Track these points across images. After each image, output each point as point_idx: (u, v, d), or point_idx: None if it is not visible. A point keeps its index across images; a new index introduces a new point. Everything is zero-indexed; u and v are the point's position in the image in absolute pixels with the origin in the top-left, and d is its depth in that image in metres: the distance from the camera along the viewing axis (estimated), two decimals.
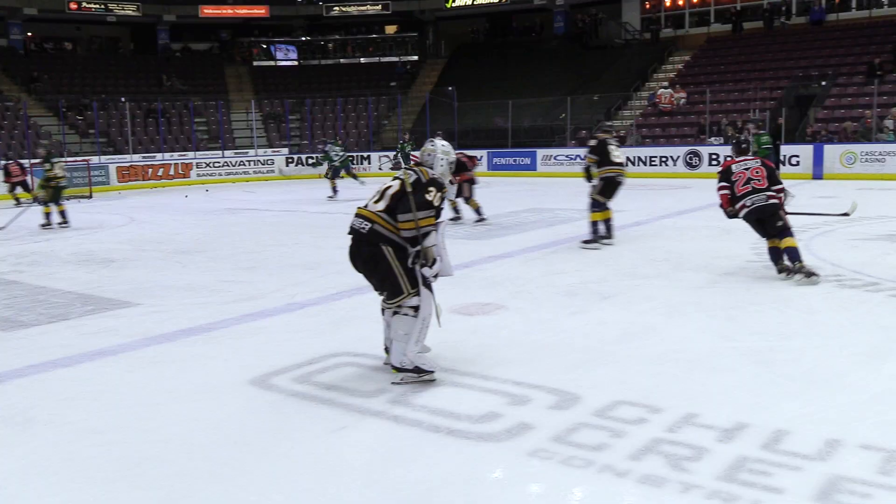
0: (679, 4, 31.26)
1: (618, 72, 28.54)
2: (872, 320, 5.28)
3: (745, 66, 25.94)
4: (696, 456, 3.19)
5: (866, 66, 22.59)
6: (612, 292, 6.38)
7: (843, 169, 18.54)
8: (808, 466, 3.08)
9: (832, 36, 26.02)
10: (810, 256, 7.75)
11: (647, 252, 8.36)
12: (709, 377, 4.21)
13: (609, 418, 3.62)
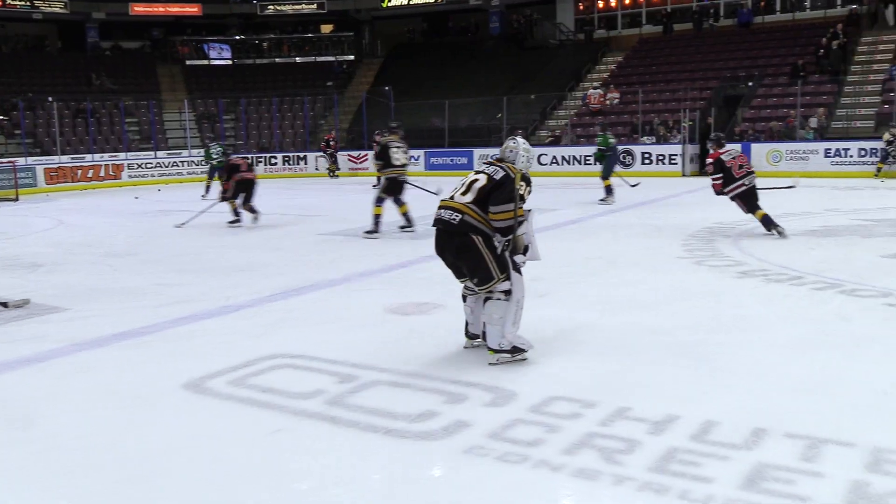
0: (612, 6, 31.78)
1: (553, 72, 28.87)
2: (798, 313, 5.46)
3: (675, 66, 26.52)
4: (629, 449, 3.26)
5: (790, 67, 23.30)
6: (547, 290, 6.46)
7: (770, 167, 19.10)
8: (736, 455, 3.17)
9: (758, 38, 26.77)
10: (739, 253, 7.98)
11: (583, 250, 8.50)
12: (641, 371, 4.31)
13: (544, 414, 3.67)
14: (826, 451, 3.18)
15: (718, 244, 8.54)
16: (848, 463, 3.07)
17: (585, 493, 2.92)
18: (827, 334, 4.90)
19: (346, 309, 5.99)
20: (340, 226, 11.28)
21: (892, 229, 9.30)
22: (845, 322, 5.21)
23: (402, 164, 10.12)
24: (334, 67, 33.92)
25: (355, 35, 35.59)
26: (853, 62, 23.69)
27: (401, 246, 9.20)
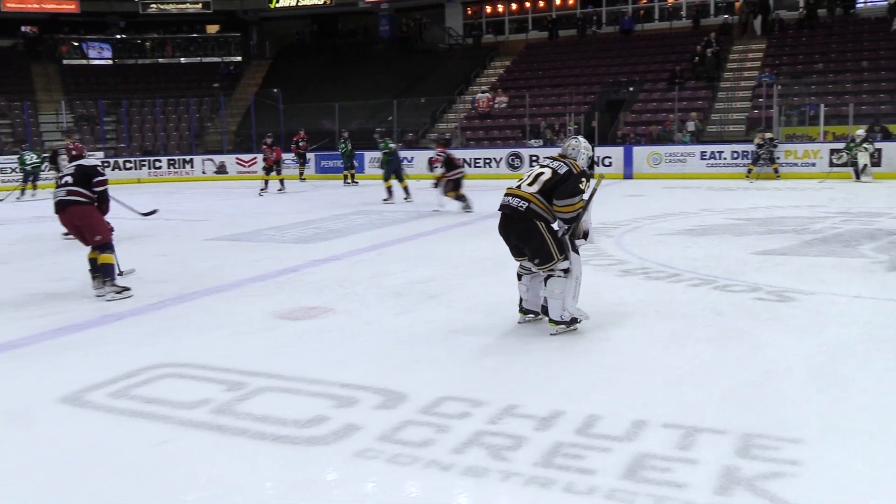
0: (499, 11, 32.34)
1: (443, 75, 29.13)
2: (675, 309, 5.71)
3: (561, 71, 27.23)
4: (516, 445, 3.34)
5: (668, 73, 24.30)
6: (438, 291, 6.53)
7: (650, 169, 19.87)
8: (617, 447, 3.29)
9: (638, 45, 27.81)
10: (621, 252, 8.27)
11: (473, 251, 8.61)
12: (528, 369, 4.41)
13: (434, 414, 3.71)
14: (700, 439, 3.34)
15: (602, 244, 8.81)
16: (720, 449, 3.24)
17: (474, 491, 2.98)
18: (702, 328, 5.15)
19: (233, 315, 5.88)
20: (228, 231, 11.05)
21: (762, 228, 9.83)
22: (719, 316, 5.47)
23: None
24: (221, 69, 33.18)
25: (242, 36, 34.92)
26: (726, 69, 24.93)
27: (290, 250, 9.09)
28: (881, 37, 24.38)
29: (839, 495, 2.86)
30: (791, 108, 21.26)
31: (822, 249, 8.09)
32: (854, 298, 5.89)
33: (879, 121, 19.28)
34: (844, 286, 6.31)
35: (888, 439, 3.32)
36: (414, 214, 12.72)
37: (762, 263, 7.41)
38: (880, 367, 4.27)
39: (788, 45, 25.42)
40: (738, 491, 2.89)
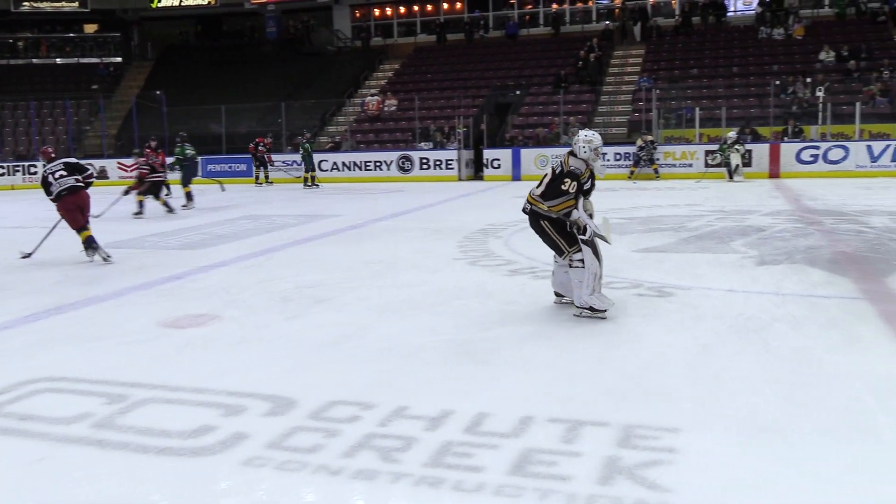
0: (387, 14, 32.37)
1: (331, 78, 28.93)
2: (561, 307, 5.86)
3: (450, 75, 27.49)
4: (406, 446, 3.36)
5: (554, 77, 24.91)
6: (327, 295, 6.49)
7: (538, 171, 20.28)
8: (505, 444, 3.36)
9: (525, 49, 28.39)
10: (510, 252, 8.43)
11: (363, 254, 8.60)
12: (418, 370, 4.45)
13: (324, 419, 3.69)
14: (584, 432, 3.45)
15: (491, 245, 8.96)
16: (602, 441, 3.35)
17: (363, 493, 2.98)
18: (591, 325, 5.30)
19: (115, 325, 5.67)
20: (110, 237, 10.62)
21: (643, 226, 10.22)
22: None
23: None
24: (100, 69, 31.92)
25: (123, 36, 33.66)
26: (608, 73, 25.76)
27: (175, 256, 8.84)
28: (750, 44, 25.73)
29: (711, 479, 3.01)
30: (669, 112, 22.18)
31: (698, 246, 8.48)
32: (727, 292, 6.20)
33: (749, 123, 20.34)
34: (718, 281, 6.63)
35: (757, 425, 3.51)
36: (303, 219, 12.58)
37: (643, 260, 7.71)
38: (751, 357, 4.51)
39: (666, 50, 26.48)
40: (620, 479, 3.00)
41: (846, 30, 25.36)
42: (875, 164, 18.33)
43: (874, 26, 25.33)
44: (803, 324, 5.19)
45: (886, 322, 5.17)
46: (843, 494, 2.87)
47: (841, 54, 23.30)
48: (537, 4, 30.76)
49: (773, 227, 9.73)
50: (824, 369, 4.27)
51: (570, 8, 30.34)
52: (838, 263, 7.28)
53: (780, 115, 20.86)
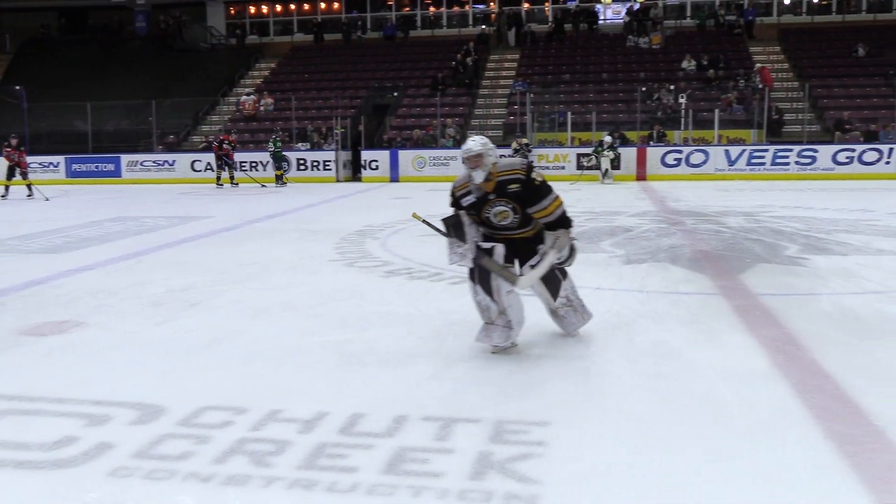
0: (263, 12, 31.81)
1: (205, 76, 28.18)
2: (435, 306, 5.95)
3: (327, 75, 27.29)
4: (279, 450, 3.33)
5: (431, 79, 25.13)
6: (199, 299, 6.33)
7: (415, 172, 20.46)
8: (379, 443, 3.39)
9: (402, 51, 28.52)
10: (386, 253, 8.46)
11: (236, 256, 8.43)
12: (293, 373, 4.41)
13: (194, 426, 3.61)
14: (457, 429, 3.51)
15: (368, 246, 8.97)
16: (475, 437, 3.43)
17: (235, 499, 2.94)
18: (461, 323, 5.39)
19: None
20: None
21: None
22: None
23: None
24: None
25: None
26: (484, 77, 26.21)
27: (37, 260, 8.40)
28: (618, 51, 26.77)
29: (579, 469, 3.13)
30: (543, 115, 22.79)
31: None
32: (595, 290, 6.43)
33: (619, 128, 21.14)
34: (587, 279, 6.84)
35: (621, 416, 3.68)
36: (175, 221, 12.20)
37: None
38: (617, 352, 4.70)
39: (540, 56, 27.18)
40: (491, 474, 3.07)
41: (706, 40, 26.76)
42: (732, 168, 19.43)
43: (731, 38, 26.84)
44: (665, 319, 5.46)
45: (739, 316, 5.51)
46: (702, 480, 3.03)
47: (701, 63, 24.58)
48: (415, 7, 30.96)
49: (639, 228, 10.17)
50: (684, 362, 4.51)
51: (447, 11, 30.69)
52: (698, 261, 7.69)
53: (647, 120, 21.80)
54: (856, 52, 24.93)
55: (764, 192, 15.42)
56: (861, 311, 5.61)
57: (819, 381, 4.14)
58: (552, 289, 4.84)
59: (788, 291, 6.33)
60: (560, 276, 4.88)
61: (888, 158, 18.92)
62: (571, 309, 4.97)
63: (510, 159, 4.44)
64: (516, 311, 4.69)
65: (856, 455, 3.21)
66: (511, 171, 4.54)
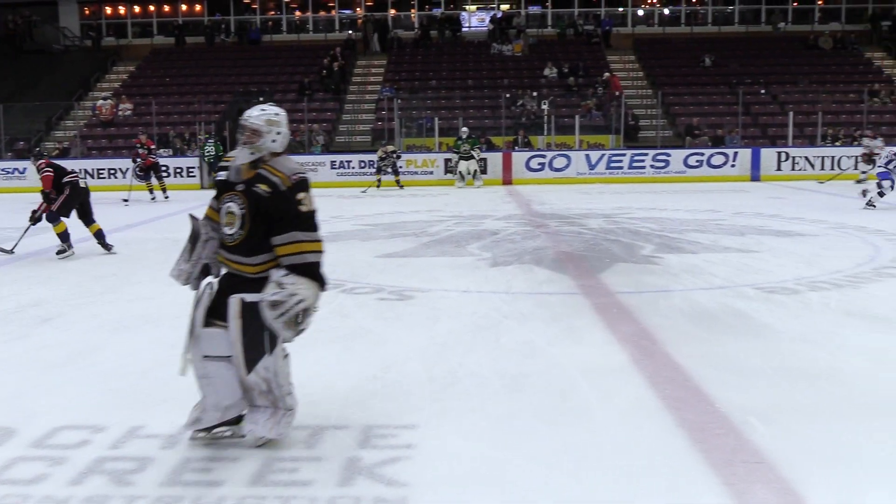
0: (120, 14, 30.54)
1: (58, 79, 26.72)
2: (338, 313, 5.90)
3: (190, 79, 26.47)
4: (141, 467, 3.24)
5: (298, 84, 24.85)
6: (54, 314, 6.03)
7: None
8: (246, 455, 3.34)
9: (268, 55, 28.05)
10: None
11: (94, 268, 8.09)
12: (155, 387, 4.27)
13: (48, 447, 3.45)
14: (325, 436, 3.52)
15: None
16: (343, 444, 3.44)
17: None
18: (329, 330, 5.37)
19: None
20: None
21: (387, 232, 10.52)
22: (345, 318, 5.78)
23: None
24: None
25: None
26: (351, 83, 26.15)
27: None
28: (483, 58, 27.30)
29: (445, 469, 3.20)
30: (410, 121, 22.96)
31: (437, 250, 8.89)
32: (463, 293, 6.57)
33: (484, 133, 21.55)
34: (455, 282, 7.01)
35: (486, 415, 3.78)
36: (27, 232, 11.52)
37: (386, 265, 7.95)
38: (483, 353, 4.82)
39: (406, 62, 27.36)
40: (359, 479, 3.10)
41: (566, 49, 27.68)
42: (593, 172, 20.17)
43: (589, 46, 27.90)
44: (529, 319, 5.63)
45: (599, 314, 5.76)
46: (562, 472, 3.17)
47: (562, 71, 25.41)
48: (280, 11, 30.52)
49: (505, 231, 10.43)
50: (546, 359, 4.67)
51: (313, 16, 30.42)
52: (561, 262, 7.97)
53: (511, 125, 22.33)
54: (703, 63, 26.41)
55: (622, 195, 16.12)
56: (709, 305, 5.98)
57: (671, 372, 4.39)
58: (250, 355, 3.35)
59: (644, 289, 6.66)
60: (266, 345, 3.37)
61: (733, 162, 20.15)
62: (267, 403, 3.41)
63: (291, 160, 3.09)
64: (216, 386, 3.45)
65: (704, 441, 3.43)
66: (276, 171, 3.37)
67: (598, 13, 29.70)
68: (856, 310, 5.78)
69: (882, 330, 5.23)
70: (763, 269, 7.48)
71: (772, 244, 8.96)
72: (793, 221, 11.09)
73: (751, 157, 20.13)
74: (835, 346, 4.86)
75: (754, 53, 27.18)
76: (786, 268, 7.51)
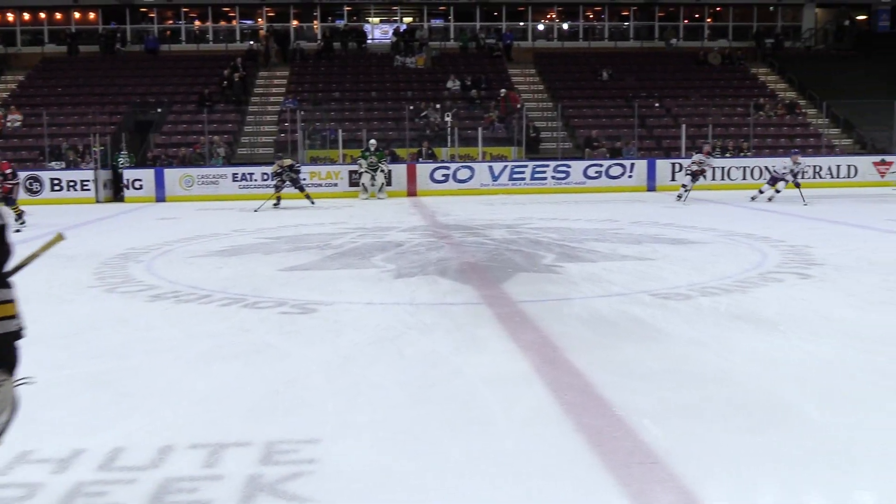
0: (9, 21, 29.26)
1: None
2: (203, 329, 5.78)
3: (83, 89, 25.60)
4: (30, 494, 3.10)
5: (197, 95, 24.33)
6: None
7: (183, 191, 19.68)
8: (143, 476, 3.24)
9: (166, 65, 27.38)
10: (152, 277, 8.08)
11: None
12: (44, 410, 4.08)
13: None
14: (226, 454, 3.44)
15: (131, 269, 8.52)
16: (245, 461, 3.37)
17: None
18: (229, 346, 5.28)
19: None
20: None
21: (290, 245, 10.40)
22: (247, 332, 5.67)
23: None
24: None
25: None
26: (253, 94, 25.78)
27: None
28: (386, 70, 27.39)
29: (349, 483, 3.17)
30: (314, 133, 22.78)
31: (341, 262, 8.84)
32: (367, 305, 6.55)
33: (389, 145, 21.59)
34: (359, 294, 6.98)
35: (390, 426, 3.78)
36: None
37: (288, 279, 7.86)
38: (386, 365, 4.82)
39: (309, 73, 27.17)
40: (261, 496, 3.04)
41: (469, 62, 28.05)
42: (496, 183, 20.48)
43: (491, 60, 28.35)
44: (433, 330, 5.67)
45: (501, 323, 5.84)
46: (465, 479, 3.19)
47: (465, 84, 25.72)
48: (179, 20, 29.85)
49: (409, 242, 10.47)
50: (449, 369, 4.71)
51: (213, 26, 29.88)
52: (464, 273, 8.05)
53: (416, 137, 22.46)
54: (601, 76, 27.21)
55: (524, 206, 16.41)
56: (607, 312, 6.14)
57: (571, 378, 4.49)
58: None
59: (545, 297, 6.79)
60: None
61: (630, 173, 20.82)
62: None
63: None
64: None
65: (601, 444, 3.52)
66: None
67: (500, 27, 30.24)
68: (743, 314, 6.04)
69: (767, 332, 5.48)
70: (658, 276, 7.74)
71: (666, 252, 9.28)
72: (686, 230, 11.53)
73: (647, 168, 20.85)
74: (724, 349, 5.07)
75: (649, 68, 28.20)
76: (679, 274, 7.79)
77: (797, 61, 29.39)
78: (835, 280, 7.32)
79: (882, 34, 32.33)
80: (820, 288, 7.03)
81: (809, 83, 27.07)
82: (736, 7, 31.51)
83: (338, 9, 30.55)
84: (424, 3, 30.41)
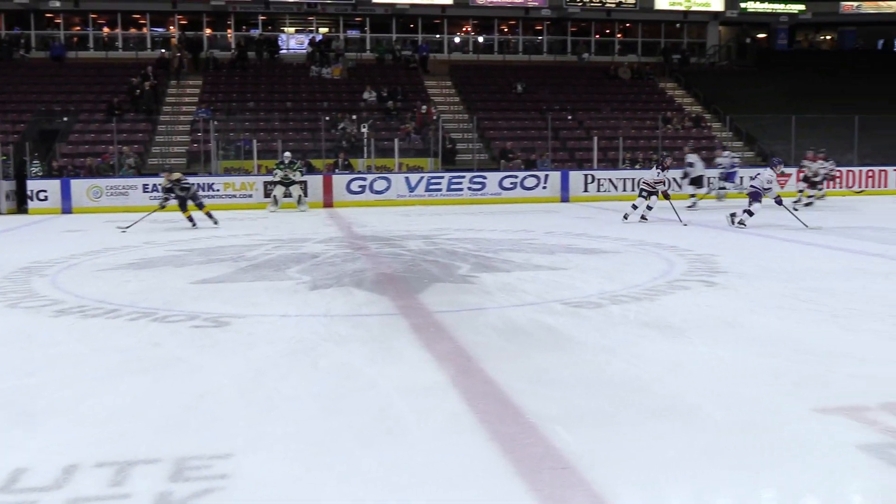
0: None
1: None
2: (111, 344, 5.63)
3: None
4: None
5: (106, 104, 23.64)
6: None
7: (91, 203, 19.08)
8: (45, 498, 3.14)
9: (73, 73, 26.54)
10: (57, 291, 7.82)
11: None
12: None
13: None
14: (134, 472, 3.37)
15: (35, 284, 8.22)
16: (154, 478, 3.31)
17: None
18: (138, 361, 5.16)
19: None
20: None
21: (202, 257, 10.20)
22: (157, 347, 5.55)
23: None
24: None
25: None
26: (165, 103, 25.21)
27: None
28: (302, 80, 27.18)
29: (261, 497, 3.15)
30: (228, 143, 22.41)
31: (255, 275, 8.73)
32: (281, 317, 6.49)
33: (305, 156, 21.41)
34: (273, 307, 6.91)
35: (303, 439, 3.77)
36: None
37: (200, 292, 7.71)
38: (300, 377, 4.79)
39: (223, 83, 26.74)
40: None
41: (385, 73, 28.09)
42: (413, 194, 20.53)
43: (407, 71, 28.47)
44: (348, 341, 5.66)
45: (416, 333, 5.88)
46: (379, 489, 3.21)
47: (381, 95, 25.74)
48: (86, 27, 28.97)
49: (325, 254, 10.41)
50: (364, 380, 4.71)
51: (123, 33, 29.11)
52: (380, 284, 8.05)
53: (332, 148, 22.33)
54: (515, 89, 27.64)
55: (441, 216, 16.51)
56: (521, 321, 6.25)
57: (486, 387, 4.56)
58: None
59: (460, 307, 6.86)
60: None
61: (545, 184, 21.18)
62: None
63: None
64: None
65: (514, 451, 3.59)
66: None
67: (416, 39, 30.41)
68: (651, 321, 6.24)
69: (673, 338, 5.68)
70: (570, 285, 7.91)
71: (578, 261, 9.49)
72: (597, 240, 11.81)
73: (560, 180, 21.25)
74: (633, 356, 5.22)
75: (562, 81, 28.81)
76: (590, 283, 7.98)
77: (702, 77, 30.51)
78: (737, 287, 7.62)
79: (781, 52, 33.90)
80: (723, 295, 7.31)
81: (713, 98, 28.11)
82: (644, 24, 32.51)
83: (252, 18, 30.19)
84: (340, 14, 30.33)
